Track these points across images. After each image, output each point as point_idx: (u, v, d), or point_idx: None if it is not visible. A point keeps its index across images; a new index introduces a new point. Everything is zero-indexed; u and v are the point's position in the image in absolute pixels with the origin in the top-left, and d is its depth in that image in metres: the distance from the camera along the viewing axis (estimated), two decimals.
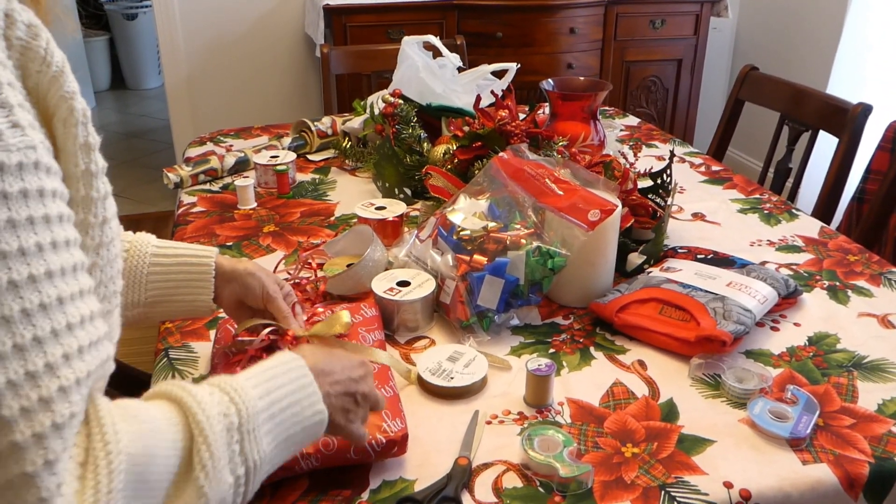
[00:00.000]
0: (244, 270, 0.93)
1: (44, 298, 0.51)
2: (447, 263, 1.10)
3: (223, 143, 1.89)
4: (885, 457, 0.85)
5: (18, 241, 0.50)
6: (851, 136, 1.72)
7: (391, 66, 1.84)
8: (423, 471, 0.84)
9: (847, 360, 1.03)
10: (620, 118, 2.14)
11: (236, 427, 0.60)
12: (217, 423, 0.59)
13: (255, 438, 0.61)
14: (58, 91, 0.58)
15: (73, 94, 0.58)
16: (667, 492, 0.81)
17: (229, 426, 0.59)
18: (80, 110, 0.59)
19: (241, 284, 0.93)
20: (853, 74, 2.94)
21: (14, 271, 0.49)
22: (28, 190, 0.51)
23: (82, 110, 0.59)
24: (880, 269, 1.27)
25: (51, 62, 0.57)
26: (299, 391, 0.66)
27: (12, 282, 0.49)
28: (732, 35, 3.79)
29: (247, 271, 0.93)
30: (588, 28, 3.10)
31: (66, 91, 0.58)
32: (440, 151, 1.47)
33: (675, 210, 1.50)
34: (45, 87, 0.57)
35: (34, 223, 0.51)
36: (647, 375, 1.00)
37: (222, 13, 3.26)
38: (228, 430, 0.59)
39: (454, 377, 0.96)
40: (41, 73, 0.57)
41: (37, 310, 0.50)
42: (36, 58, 0.57)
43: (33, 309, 0.50)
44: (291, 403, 0.65)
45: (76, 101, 0.59)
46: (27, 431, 0.49)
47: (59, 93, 0.58)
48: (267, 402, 0.63)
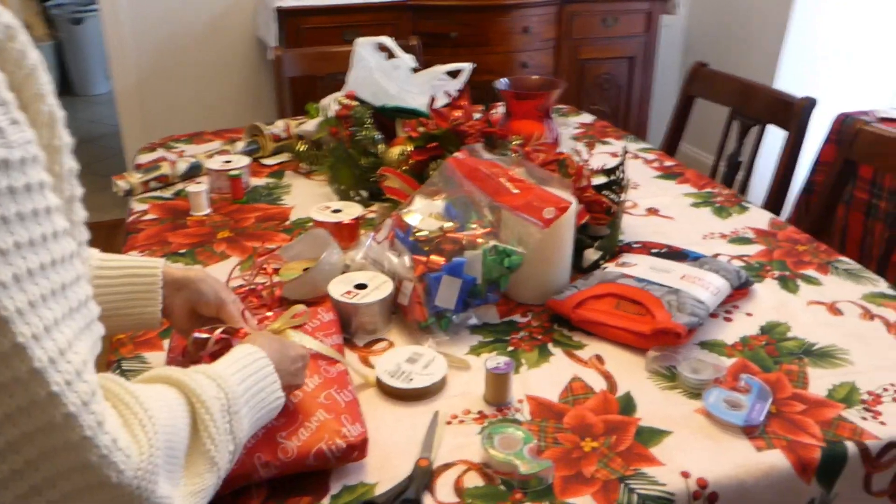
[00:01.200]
0: (195, 277, 0.92)
1: (53, 286, 0.54)
2: (404, 265, 1.10)
3: (175, 149, 1.87)
4: (835, 441, 0.87)
5: (27, 233, 0.52)
6: (798, 129, 1.77)
7: (345, 68, 1.83)
8: (384, 474, 0.83)
9: (798, 347, 1.06)
10: (575, 116, 2.15)
11: (227, 409, 0.67)
12: (214, 404, 0.66)
13: (239, 419, 0.69)
14: (30, 90, 0.60)
15: (43, 94, 0.60)
16: (626, 484, 0.81)
17: (221, 408, 0.67)
18: (45, 112, 0.61)
19: (194, 290, 0.92)
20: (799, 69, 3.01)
21: (28, 260, 0.52)
22: (31, 184, 0.54)
23: (48, 112, 0.61)
24: (828, 258, 1.30)
25: (24, 63, 0.59)
26: (265, 379, 0.75)
27: (29, 271, 0.52)
28: (683, 32, 3.85)
29: (198, 277, 0.92)
30: (542, 27, 3.12)
31: (37, 91, 0.60)
32: (396, 153, 1.47)
33: (630, 206, 1.51)
34: (17, 86, 0.59)
35: (38, 215, 0.54)
36: (605, 370, 1.01)
37: (172, 16, 3.21)
38: (221, 411, 0.67)
39: (413, 379, 0.96)
40: (14, 73, 0.58)
41: (49, 297, 0.53)
42: (10, 59, 0.58)
43: (46, 296, 0.53)
44: (260, 390, 0.74)
45: (45, 102, 0.61)
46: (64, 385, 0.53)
47: (32, 92, 0.60)
48: (243, 389, 0.71)
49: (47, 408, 0.52)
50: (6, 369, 0.51)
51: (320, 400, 0.86)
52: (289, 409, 0.85)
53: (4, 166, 0.52)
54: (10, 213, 0.51)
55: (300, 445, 0.81)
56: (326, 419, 0.84)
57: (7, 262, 0.51)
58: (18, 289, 0.51)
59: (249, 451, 0.80)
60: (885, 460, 0.88)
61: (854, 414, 0.92)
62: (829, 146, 2.22)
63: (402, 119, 1.63)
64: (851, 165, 1.61)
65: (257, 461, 0.79)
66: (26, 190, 0.53)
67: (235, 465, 0.79)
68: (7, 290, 0.50)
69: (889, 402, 0.94)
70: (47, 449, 0.53)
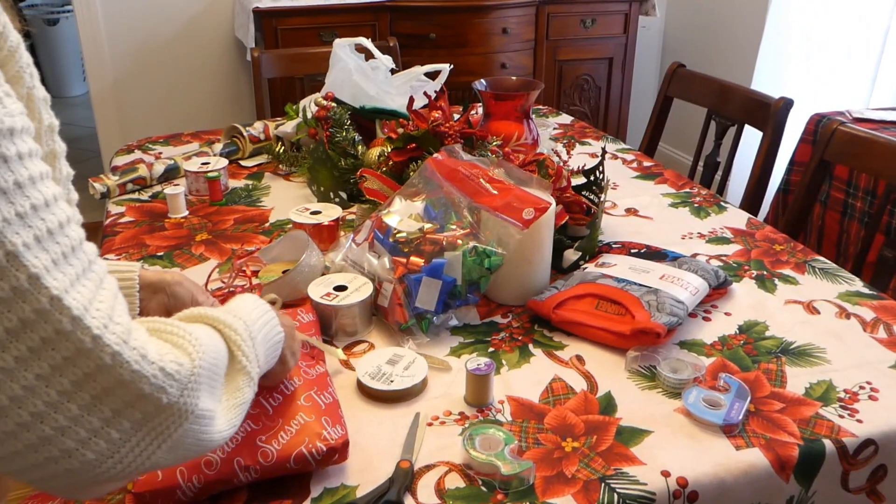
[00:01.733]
0: (171, 280, 0.91)
1: (72, 242, 0.56)
2: (384, 266, 1.10)
3: (152, 151, 1.85)
4: (813, 438, 0.88)
5: (42, 196, 0.54)
6: (774, 129, 1.78)
7: (323, 70, 1.82)
8: (365, 476, 0.83)
9: (775, 346, 1.06)
10: (554, 116, 2.16)
11: (249, 333, 0.71)
12: (240, 325, 0.70)
13: (257, 344, 0.73)
14: (11, 70, 0.61)
15: (23, 76, 0.62)
16: (606, 484, 0.82)
17: (245, 329, 0.71)
18: (23, 94, 0.62)
19: (170, 294, 0.91)
20: (776, 70, 3.04)
21: (48, 221, 0.54)
22: (33, 150, 0.55)
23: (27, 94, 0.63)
24: (805, 258, 1.31)
25: (3, 45, 0.60)
26: (266, 314, 0.77)
27: (49, 230, 0.54)
28: (661, 33, 3.88)
29: (174, 280, 0.91)
30: (520, 28, 3.13)
31: (17, 72, 0.61)
32: (375, 154, 1.47)
33: (609, 206, 1.52)
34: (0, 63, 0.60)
35: (44, 178, 0.55)
36: (585, 370, 1.02)
37: (148, 16, 3.18)
38: (246, 332, 0.71)
39: (394, 380, 0.96)
40: None
41: (69, 254, 0.55)
42: None
43: (67, 253, 0.55)
44: (266, 322, 0.77)
45: (23, 85, 0.62)
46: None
47: (12, 72, 0.61)
48: (255, 317, 0.75)
49: (93, 352, 0.54)
50: (46, 324, 0.52)
51: (300, 402, 0.86)
52: (269, 413, 0.84)
53: (10, 134, 0.53)
54: (24, 178, 0.53)
55: (280, 449, 0.80)
56: (307, 422, 0.83)
57: (27, 225, 0.52)
58: (41, 248, 0.53)
59: (229, 456, 0.79)
60: (862, 458, 0.89)
61: (831, 412, 0.93)
62: (804, 146, 2.24)
63: (381, 120, 1.63)
64: (826, 165, 1.63)
65: (237, 465, 0.79)
66: (30, 156, 0.55)
67: (214, 471, 0.78)
68: (31, 250, 0.52)
69: (865, 400, 0.95)
70: (99, 391, 0.55)
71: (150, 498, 0.77)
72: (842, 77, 2.86)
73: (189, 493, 0.78)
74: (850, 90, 2.85)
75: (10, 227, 0.51)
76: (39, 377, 0.53)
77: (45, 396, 0.54)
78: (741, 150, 1.96)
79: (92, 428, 0.56)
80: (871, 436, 0.89)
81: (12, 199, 0.52)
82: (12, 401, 0.53)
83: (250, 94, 3.41)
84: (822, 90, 2.89)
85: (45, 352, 0.53)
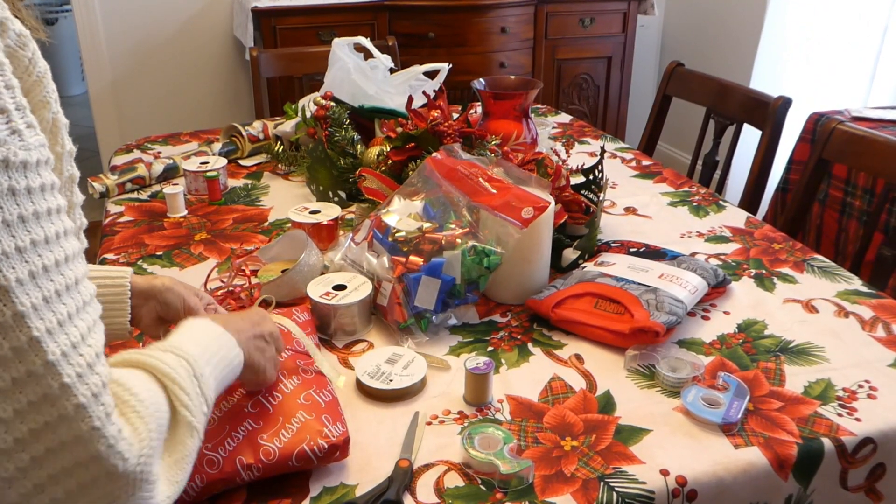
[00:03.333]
0: (161, 286, 0.91)
1: (67, 281, 0.56)
2: (383, 265, 1.10)
3: (151, 150, 1.85)
4: (811, 437, 0.88)
5: (43, 232, 0.54)
6: (773, 128, 1.78)
7: (322, 69, 1.82)
8: (364, 475, 0.83)
9: (774, 345, 1.07)
10: (553, 116, 2.16)
11: (192, 374, 0.67)
12: (181, 372, 0.66)
13: (205, 380, 0.69)
14: (37, 97, 0.62)
15: (49, 102, 0.64)
16: (605, 482, 0.82)
17: (188, 374, 0.67)
18: (48, 119, 0.64)
19: (160, 301, 0.90)
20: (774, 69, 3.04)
21: (44, 258, 0.54)
22: (45, 185, 0.55)
23: (52, 119, 0.64)
24: (803, 256, 1.31)
25: (33, 71, 0.61)
26: (219, 339, 0.75)
27: (45, 267, 0.54)
28: (659, 32, 3.88)
29: (164, 287, 0.91)
30: (519, 27, 3.13)
31: (43, 98, 0.63)
32: (374, 153, 1.47)
33: (608, 205, 1.52)
34: (25, 92, 0.61)
35: (51, 214, 0.56)
36: (584, 369, 1.02)
37: (147, 16, 3.18)
38: (189, 377, 0.67)
39: (393, 379, 0.96)
40: (23, 80, 0.60)
41: (63, 292, 0.55)
42: (20, 65, 0.60)
43: (61, 291, 0.55)
44: (218, 349, 0.74)
45: (50, 110, 0.64)
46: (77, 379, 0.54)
47: (38, 98, 0.63)
48: (200, 351, 0.70)
49: (59, 400, 0.53)
50: (20, 364, 0.52)
51: (300, 401, 0.86)
52: (269, 411, 0.84)
53: (23, 168, 0.54)
54: (28, 213, 0.53)
55: (282, 447, 0.80)
56: (307, 420, 0.83)
57: (24, 260, 0.52)
58: (35, 285, 0.53)
59: (231, 454, 0.79)
60: (861, 456, 0.89)
61: (830, 410, 0.93)
62: (803, 145, 2.25)
63: (380, 119, 1.63)
64: (825, 164, 1.63)
65: (240, 464, 0.79)
66: (41, 190, 0.55)
67: (216, 471, 0.78)
68: (24, 286, 0.52)
69: (864, 399, 0.95)
70: (55, 444, 0.54)
71: None
72: (840, 76, 2.86)
73: (191, 493, 0.78)
74: (849, 89, 2.85)
75: (7, 261, 0.51)
76: (0, 420, 0.53)
77: (1, 443, 0.53)
78: (740, 148, 1.96)
79: (38, 483, 0.55)
80: (870, 434, 0.89)
81: (14, 233, 0.52)
82: None
83: (249, 94, 3.41)
84: (820, 89, 2.89)
85: (12, 393, 0.52)
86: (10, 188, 0.52)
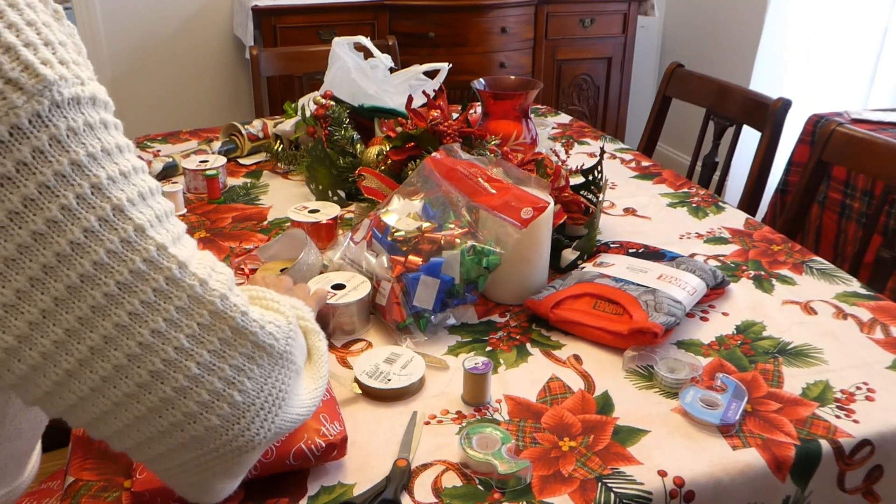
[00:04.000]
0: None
1: (162, 210, 0.57)
2: (382, 265, 1.10)
3: (150, 149, 1.85)
4: (809, 439, 0.88)
5: (130, 163, 0.56)
6: (773, 129, 1.78)
7: (322, 68, 1.82)
8: (362, 474, 0.83)
9: (773, 346, 1.07)
10: (552, 116, 2.16)
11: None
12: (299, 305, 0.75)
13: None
14: None
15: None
16: (603, 483, 0.82)
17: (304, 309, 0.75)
18: None
19: None
20: (774, 70, 3.05)
21: (139, 186, 0.55)
22: (113, 123, 0.57)
23: None
24: (802, 258, 1.31)
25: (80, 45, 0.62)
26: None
27: (140, 193, 0.55)
28: (659, 33, 3.88)
29: None
30: (519, 27, 3.13)
31: None
32: (373, 153, 1.47)
33: (607, 206, 1.52)
34: None
35: (130, 147, 0.57)
36: (583, 369, 1.02)
37: (147, 14, 3.18)
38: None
39: (392, 379, 0.96)
40: None
41: (163, 216, 0.56)
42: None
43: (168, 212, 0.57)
44: None
45: None
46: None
47: None
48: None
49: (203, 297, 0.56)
50: (157, 273, 0.53)
51: None
52: None
53: (105, 106, 0.56)
54: (123, 143, 0.56)
55: (280, 446, 0.80)
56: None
57: (130, 183, 0.54)
58: (145, 205, 0.55)
59: None
60: (859, 458, 0.89)
61: (828, 412, 0.93)
62: (802, 147, 2.25)
63: (379, 119, 1.63)
64: (824, 166, 1.63)
65: None
66: (115, 127, 0.56)
67: None
68: (135, 205, 0.54)
69: (862, 401, 0.95)
70: (217, 346, 0.56)
71: (150, 496, 0.77)
72: (840, 78, 2.86)
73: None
74: (849, 91, 2.85)
75: (116, 185, 0.52)
76: (155, 333, 0.53)
77: (162, 354, 0.53)
78: (739, 150, 1.96)
79: (214, 390, 0.56)
80: (868, 436, 0.89)
81: (116, 160, 0.54)
82: (131, 360, 0.53)
83: (249, 93, 3.41)
84: (820, 91, 2.89)
85: (158, 304, 0.53)
86: (101, 121, 0.54)
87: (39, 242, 0.49)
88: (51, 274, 0.50)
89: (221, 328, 0.56)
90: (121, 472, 0.84)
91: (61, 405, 0.54)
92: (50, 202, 0.49)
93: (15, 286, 0.50)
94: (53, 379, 0.52)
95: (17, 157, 0.48)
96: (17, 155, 0.48)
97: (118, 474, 0.83)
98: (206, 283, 0.56)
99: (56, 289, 0.50)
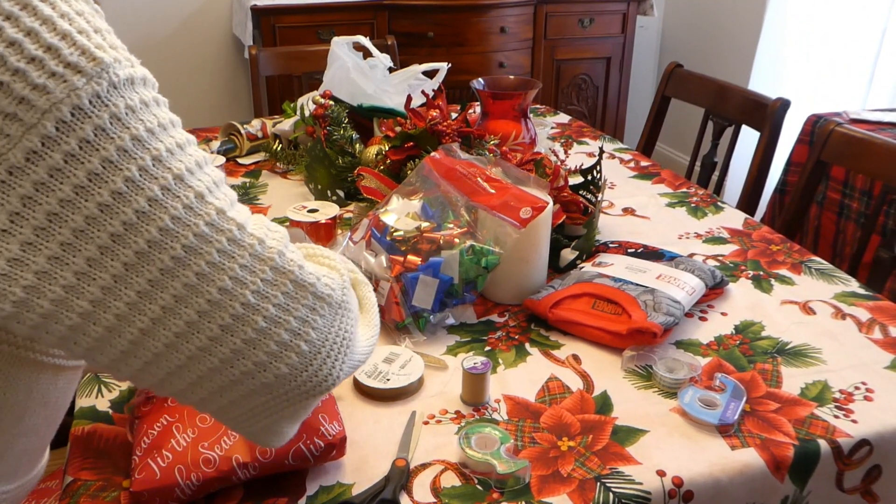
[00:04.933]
0: None
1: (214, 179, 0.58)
2: (381, 265, 1.10)
3: None
4: (808, 439, 0.88)
5: (184, 135, 0.57)
6: (772, 130, 1.79)
7: (321, 68, 1.82)
8: (361, 474, 0.83)
9: (771, 346, 1.07)
10: (551, 116, 2.16)
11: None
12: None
13: None
14: None
15: None
16: (602, 483, 0.82)
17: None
18: None
19: None
20: (773, 70, 3.05)
21: (194, 156, 0.57)
22: (165, 99, 0.59)
23: None
24: (801, 258, 1.31)
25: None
26: None
27: (198, 163, 0.57)
28: (658, 33, 3.88)
29: None
30: (518, 27, 3.13)
31: None
32: (372, 152, 1.47)
33: (606, 205, 1.52)
34: None
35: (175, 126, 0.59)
36: (582, 369, 1.02)
37: (146, 14, 3.18)
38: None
39: (390, 379, 0.96)
40: None
41: (220, 183, 0.58)
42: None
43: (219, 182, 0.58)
44: None
45: None
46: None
47: None
48: None
49: (264, 253, 0.58)
50: (219, 234, 0.56)
51: None
52: None
53: (154, 85, 0.58)
54: (174, 118, 0.58)
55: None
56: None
57: (186, 153, 0.56)
58: (202, 173, 0.57)
59: (227, 453, 0.79)
60: (857, 458, 0.89)
61: (826, 412, 0.93)
62: (801, 147, 2.25)
63: (378, 118, 1.63)
64: (823, 166, 1.64)
65: (236, 462, 0.79)
66: (165, 104, 0.58)
67: (212, 469, 0.78)
68: (193, 174, 0.56)
69: (860, 401, 0.95)
70: (281, 300, 0.59)
71: (148, 496, 0.77)
72: (839, 78, 2.86)
73: (187, 492, 0.78)
74: (847, 91, 2.85)
75: (174, 156, 0.55)
76: (222, 290, 0.56)
77: (230, 309, 0.56)
78: (738, 150, 1.97)
79: (281, 341, 0.59)
80: (866, 436, 0.89)
81: (171, 133, 0.56)
82: (201, 316, 0.56)
83: (248, 92, 3.41)
84: (819, 91, 2.89)
85: (223, 264, 0.56)
86: (154, 98, 0.56)
87: (106, 213, 0.52)
88: (119, 241, 0.52)
89: (283, 282, 0.59)
90: (119, 471, 0.84)
91: (136, 364, 0.57)
92: (114, 175, 0.52)
93: (85, 255, 0.52)
94: (129, 338, 0.55)
95: (79, 136, 0.50)
96: (80, 133, 0.50)
97: (117, 474, 0.83)
98: (264, 241, 0.58)
99: (126, 255, 0.53)
